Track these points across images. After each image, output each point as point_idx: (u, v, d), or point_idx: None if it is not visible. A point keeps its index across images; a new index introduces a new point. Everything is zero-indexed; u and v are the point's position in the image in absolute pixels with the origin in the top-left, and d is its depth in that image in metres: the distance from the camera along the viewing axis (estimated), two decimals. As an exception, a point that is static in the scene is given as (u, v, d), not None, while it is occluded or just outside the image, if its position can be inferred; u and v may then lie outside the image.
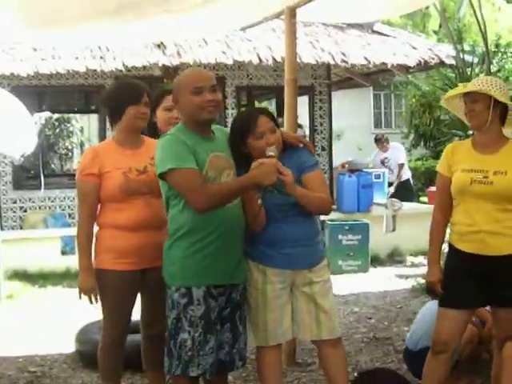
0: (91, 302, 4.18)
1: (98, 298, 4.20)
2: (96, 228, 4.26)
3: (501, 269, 3.90)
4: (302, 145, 4.11)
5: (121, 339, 4.31)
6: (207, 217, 3.70)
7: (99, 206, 4.22)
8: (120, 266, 4.13)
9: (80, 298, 4.22)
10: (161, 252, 4.12)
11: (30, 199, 11.21)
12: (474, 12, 9.55)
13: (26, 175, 12.15)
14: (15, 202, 11.22)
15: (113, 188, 4.11)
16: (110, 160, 4.15)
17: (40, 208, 11.35)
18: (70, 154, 20.33)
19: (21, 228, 10.99)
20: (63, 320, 7.12)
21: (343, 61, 11.45)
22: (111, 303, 4.21)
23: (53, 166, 19.45)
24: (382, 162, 13.02)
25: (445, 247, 4.22)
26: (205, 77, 3.83)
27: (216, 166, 3.78)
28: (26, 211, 11.19)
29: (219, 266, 3.78)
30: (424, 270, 9.33)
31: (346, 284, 8.69)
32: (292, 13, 5.67)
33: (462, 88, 4.11)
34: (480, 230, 3.92)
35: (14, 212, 11.22)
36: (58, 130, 19.94)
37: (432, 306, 4.89)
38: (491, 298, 4.02)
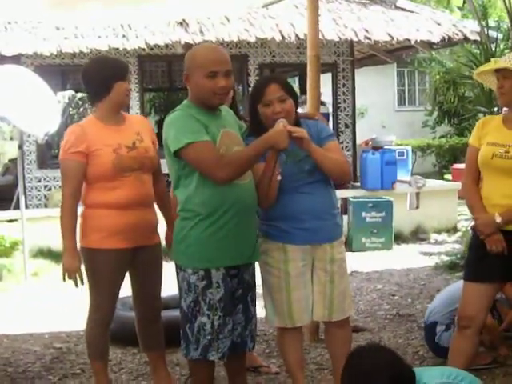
0: (76, 285, 4.07)
1: (86, 279, 4.11)
2: (81, 208, 4.14)
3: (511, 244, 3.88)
4: (316, 117, 4.13)
5: (111, 318, 4.26)
6: (222, 194, 3.60)
7: (85, 186, 4.09)
8: (110, 245, 4.03)
9: (64, 279, 4.09)
10: (151, 230, 4.17)
11: (54, 178, 11.22)
12: (499, -13, 9.44)
13: (51, 154, 12.20)
14: (40, 181, 11.29)
15: (105, 166, 3.99)
16: (97, 138, 4.01)
17: (64, 186, 11.37)
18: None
19: (45, 206, 11.01)
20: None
21: (366, 37, 11.34)
22: (102, 283, 4.12)
23: (77, 144, 19.53)
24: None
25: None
26: (221, 60, 3.66)
27: (227, 142, 3.68)
28: (50, 190, 11.24)
29: (237, 246, 3.68)
30: (447, 247, 9.38)
31: (369, 261, 8.69)
32: (314, -11, 5.63)
33: (492, 64, 4.06)
34: (495, 204, 3.89)
35: (39, 191, 11.29)
36: (81, 109, 19.99)
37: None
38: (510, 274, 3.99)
